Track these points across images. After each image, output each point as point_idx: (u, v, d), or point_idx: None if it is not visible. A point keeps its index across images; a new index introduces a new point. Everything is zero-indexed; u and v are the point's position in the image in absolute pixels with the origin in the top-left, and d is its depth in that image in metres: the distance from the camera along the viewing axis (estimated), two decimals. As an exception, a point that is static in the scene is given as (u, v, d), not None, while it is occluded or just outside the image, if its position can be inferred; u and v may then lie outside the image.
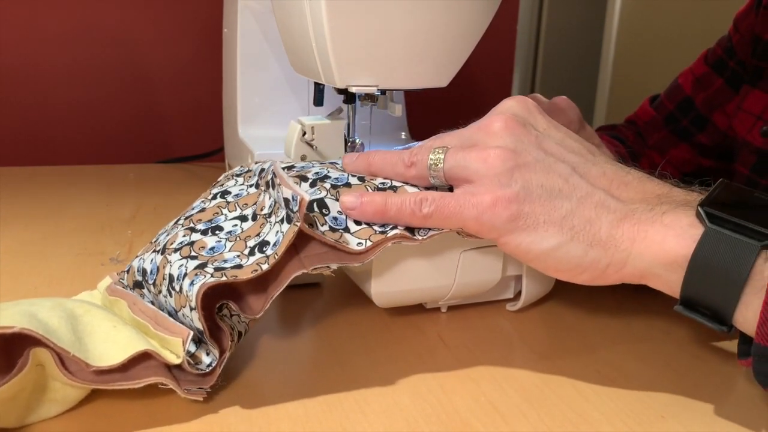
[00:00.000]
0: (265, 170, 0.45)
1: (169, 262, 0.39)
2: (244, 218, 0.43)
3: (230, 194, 0.46)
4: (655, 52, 2.04)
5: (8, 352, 0.32)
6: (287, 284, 0.37)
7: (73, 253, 0.58)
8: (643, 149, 0.77)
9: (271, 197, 0.42)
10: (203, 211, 0.44)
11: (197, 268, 0.37)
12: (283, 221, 0.39)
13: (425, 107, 0.84)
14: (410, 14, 0.46)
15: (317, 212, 0.39)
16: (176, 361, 0.35)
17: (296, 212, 0.37)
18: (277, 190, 0.41)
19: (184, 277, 0.37)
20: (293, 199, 0.38)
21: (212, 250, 0.40)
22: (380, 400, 0.38)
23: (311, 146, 0.54)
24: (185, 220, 0.44)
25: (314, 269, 0.37)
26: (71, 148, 0.95)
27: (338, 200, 0.40)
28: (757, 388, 0.40)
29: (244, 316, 0.37)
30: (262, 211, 0.42)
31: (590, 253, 0.36)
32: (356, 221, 0.39)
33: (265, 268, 0.36)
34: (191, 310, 0.36)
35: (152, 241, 0.45)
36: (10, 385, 0.32)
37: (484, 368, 0.41)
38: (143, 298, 0.41)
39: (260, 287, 0.37)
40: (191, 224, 0.43)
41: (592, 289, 0.39)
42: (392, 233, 0.39)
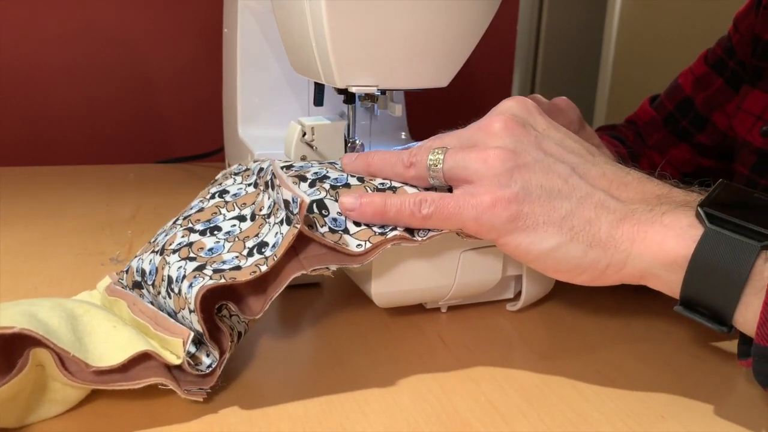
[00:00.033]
0: (263, 170, 0.45)
1: (167, 263, 0.39)
2: (242, 218, 0.42)
3: (228, 194, 0.46)
4: (655, 52, 2.04)
5: (8, 352, 0.32)
6: (286, 285, 0.37)
7: (73, 253, 0.58)
8: (642, 149, 0.77)
9: (270, 197, 0.42)
10: (202, 211, 0.44)
11: (196, 269, 0.37)
12: (282, 223, 0.39)
13: (425, 107, 0.84)
14: (410, 14, 0.46)
15: (317, 213, 0.39)
16: (176, 361, 0.35)
17: (296, 214, 0.37)
18: (276, 191, 0.41)
19: (182, 279, 0.37)
20: (293, 201, 0.38)
21: (211, 251, 0.40)
22: (380, 400, 0.38)
23: (311, 147, 0.54)
24: (184, 220, 0.44)
25: (313, 270, 0.37)
26: (71, 148, 0.95)
27: (338, 201, 0.40)
28: (757, 388, 0.40)
29: (243, 316, 0.37)
30: (260, 211, 0.42)
31: (590, 253, 0.36)
32: (356, 222, 0.39)
33: (264, 269, 0.36)
34: (190, 312, 0.36)
35: (151, 241, 0.45)
36: (10, 385, 0.32)
37: (484, 368, 0.41)
38: (142, 298, 0.41)
39: (259, 288, 0.37)
40: (190, 224, 0.43)
41: (592, 289, 0.39)
42: (392, 234, 0.39)
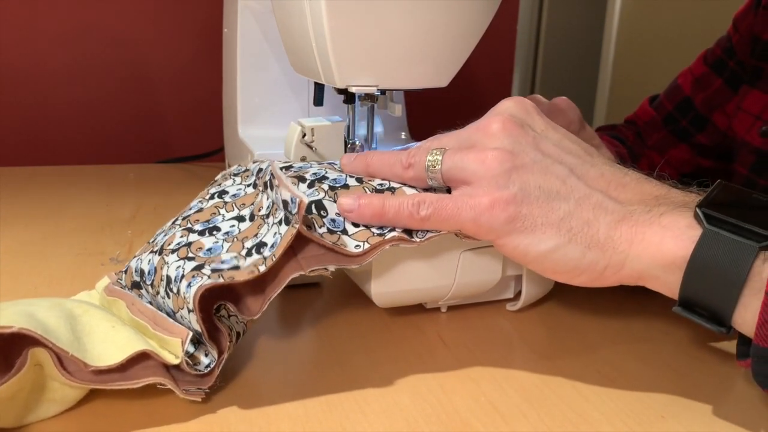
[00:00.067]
0: (263, 170, 0.45)
1: (166, 263, 0.39)
2: (241, 219, 0.43)
3: (228, 194, 0.46)
4: (655, 52, 2.04)
5: (7, 352, 0.32)
6: (285, 285, 0.37)
7: (73, 253, 0.58)
8: (642, 149, 0.77)
9: (269, 198, 0.42)
10: (201, 211, 0.44)
11: (194, 269, 0.37)
12: (281, 223, 0.39)
13: (425, 107, 0.84)
14: (410, 14, 0.46)
15: (315, 214, 0.39)
16: (175, 361, 0.35)
17: (295, 214, 0.37)
18: (275, 191, 0.41)
19: (181, 278, 0.37)
20: (292, 201, 0.38)
21: (210, 251, 0.40)
22: (380, 400, 0.38)
23: (311, 148, 0.54)
24: (183, 220, 0.44)
25: (312, 271, 0.37)
26: (71, 148, 0.95)
27: (336, 202, 0.40)
28: (756, 388, 0.40)
29: (241, 317, 0.37)
30: (259, 211, 0.42)
31: (588, 254, 0.36)
32: (354, 223, 0.39)
33: (262, 269, 0.36)
34: (189, 312, 0.36)
35: (150, 241, 0.45)
36: (8, 385, 0.32)
37: (484, 368, 0.41)
38: (141, 298, 0.41)
39: (258, 288, 0.37)
40: (189, 224, 0.43)
41: (592, 289, 0.39)
42: (390, 235, 0.39)
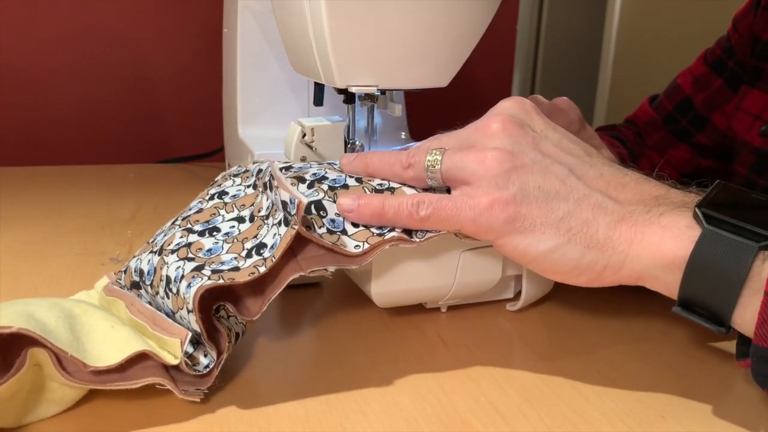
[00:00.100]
0: (262, 171, 0.45)
1: (166, 263, 0.39)
2: (241, 219, 0.43)
3: (227, 195, 0.46)
4: (655, 52, 2.04)
5: (6, 352, 0.32)
6: (285, 286, 0.37)
7: (73, 253, 0.58)
8: (642, 149, 0.77)
9: (268, 199, 0.42)
10: (200, 211, 0.44)
11: (194, 270, 0.37)
12: (280, 224, 0.39)
13: (425, 107, 0.84)
14: (410, 14, 0.46)
15: (315, 214, 0.39)
16: (174, 361, 0.35)
17: (294, 215, 0.37)
18: (274, 192, 0.41)
19: (181, 279, 0.37)
20: (291, 202, 0.38)
21: (209, 251, 0.40)
22: (380, 400, 0.38)
23: (311, 148, 0.54)
24: (182, 220, 0.44)
25: (312, 272, 0.37)
26: (71, 148, 0.95)
27: (336, 202, 0.40)
28: (755, 388, 0.40)
29: (241, 317, 0.37)
30: (259, 212, 0.42)
31: (587, 255, 0.36)
32: (354, 223, 0.39)
33: (262, 270, 0.36)
34: (188, 312, 0.36)
35: (149, 241, 0.45)
36: (7, 385, 0.32)
37: (484, 368, 0.41)
38: (140, 298, 0.41)
39: (257, 289, 0.37)
40: (188, 225, 0.43)
41: (591, 289, 0.39)
42: (390, 236, 0.39)
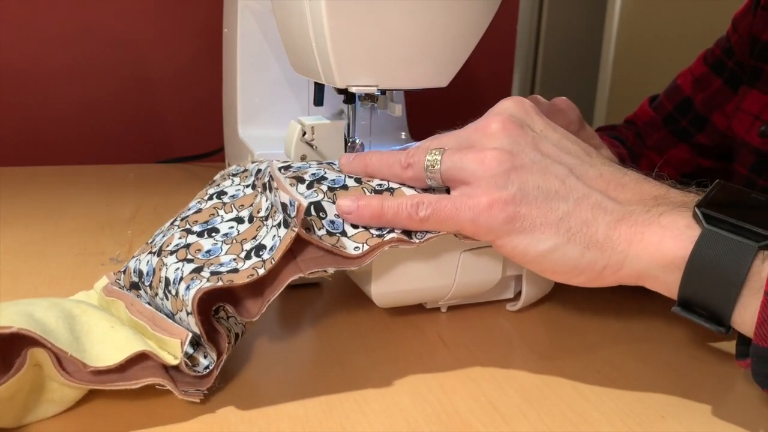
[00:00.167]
0: (261, 171, 0.45)
1: (165, 264, 0.39)
2: (240, 220, 0.42)
3: (226, 195, 0.46)
4: (655, 52, 2.04)
5: (6, 352, 0.32)
6: (284, 287, 0.37)
7: (73, 253, 0.58)
8: (642, 150, 0.77)
9: (267, 199, 0.42)
10: (199, 212, 0.44)
11: (193, 272, 0.37)
12: (280, 225, 0.39)
13: (425, 107, 0.84)
14: (410, 14, 0.46)
15: (314, 216, 0.39)
16: (174, 362, 0.35)
17: (294, 217, 0.37)
18: (274, 193, 0.41)
19: (180, 281, 0.37)
20: (291, 204, 0.38)
21: (208, 252, 0.40)
22: (380, 400, 0.38)
23: (311, 146, 0.54)
24: (181, 221, 0.44)
25: (311, 273, 0.37)
26: (71, 148, 0.95)
27: (335, 203, 0.40)
28: (755, 388, 0.40)
29: (240, 318, 0.37)
30: (258, 213, 0.42)
31: (587, 255, 0.36)
32: (353, 225, 0.39)
33: (261, 272, 0.36)
34: (188, 314, 0.36)
35: (148, 242, 0.45)
36: (7, 385, 0.32)
37: (484, 368, 0.41)
38: (140, 299, 0.41)
39: (257, 291, 0.37)
40: (187, 225, 0.43)
41: (592, 289, 0.39)
42: (389, 237, 0.39)
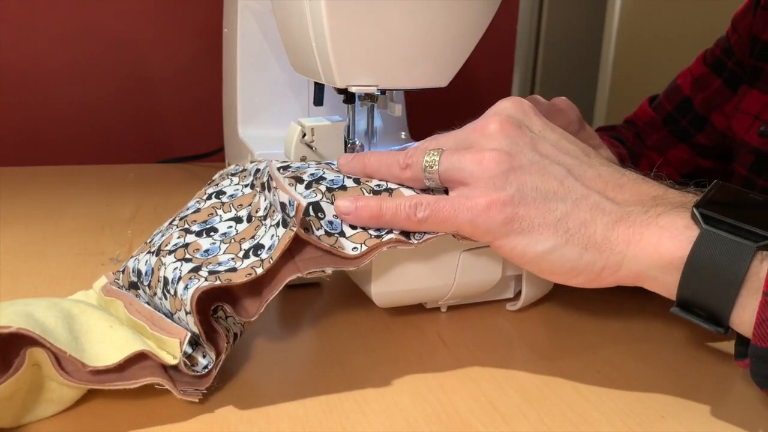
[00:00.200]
0: (260, 171, 0.45)
1: (163, 264, 0.39)
2: (238, 219, 0.42)
3: (225, 194, 0.46)
4: (655, 52, 2.04)
5: (5, 352, 0.32)
6: (283, 287, 0.37)
7: (73, 253, 0.58)
8: (642, 150, 0.77)
9: (266, 199, 0.42)
10: (198, 211, 0.44)
11: (191, 271, 0.37)
12: (279, 225, 0.39)
13: (425, 107, 0.84)
14: (410, 14, 0.46)
15: (313, 216, 0.39)
16: (173, 361, 0.35)
17: (293, 217, 0.37)
18: (273, 193, 0.41)
19: (178, 280, 0.37)
20: (290, 203, 0.38)
21: (207, 252, 0.40)
22: (380, 400, 0.38)
23: (311, 148, 0.54)
24: (180, 220, 0.44)
25: (309, 273, 0.37)
26: (71, 148, 0.95)
27: (333, 204, 0.40)
28: (754, 388, 0.40)
29: (238, 318, 0.37)
30: (257, 212, 0.42)
31: (585, 255, 0.36)
32: (351, 225, 0.39)
33: (259, 272, 0.36)
34: (186, 314, 0.36)
35: (147, 241, 0.45)
36: (6, 385, 0.32)
37: (484, 368, 0.41)
38: (139, 298, 0.41)
39: (255, 290, 0.37)
40: (186, 225, 0.43)
41: (591, 289, 0.39)
42: (387, 237, 0.39)
